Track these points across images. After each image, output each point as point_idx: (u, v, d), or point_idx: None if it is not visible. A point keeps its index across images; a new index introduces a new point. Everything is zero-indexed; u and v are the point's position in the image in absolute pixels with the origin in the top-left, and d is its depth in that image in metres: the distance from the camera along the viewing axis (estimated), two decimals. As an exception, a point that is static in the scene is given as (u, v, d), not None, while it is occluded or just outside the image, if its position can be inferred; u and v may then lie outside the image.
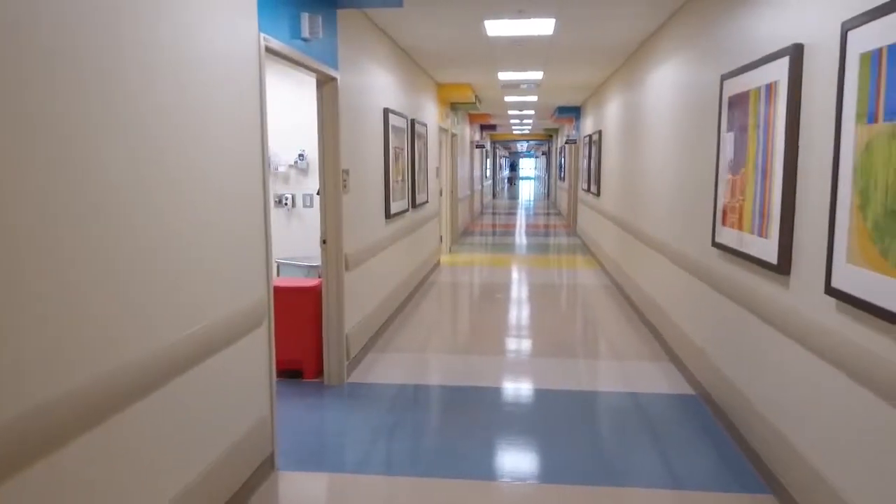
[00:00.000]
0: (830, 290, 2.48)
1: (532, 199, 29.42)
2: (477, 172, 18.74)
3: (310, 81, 5.84)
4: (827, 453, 2.59)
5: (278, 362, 4.77)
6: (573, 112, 13.69)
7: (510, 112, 14.88)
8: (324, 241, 4.56)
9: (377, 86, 5.72)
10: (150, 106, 2.25)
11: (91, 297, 1.96)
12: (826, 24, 2.64)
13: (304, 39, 3.81)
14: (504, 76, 8.85)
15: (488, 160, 25.18)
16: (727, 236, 3.72)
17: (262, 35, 3.18)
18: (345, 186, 4.65)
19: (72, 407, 1.87)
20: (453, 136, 12.26)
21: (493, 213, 20.81)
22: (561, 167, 19.65)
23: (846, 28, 2.39)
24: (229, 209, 2.87)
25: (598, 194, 10.15)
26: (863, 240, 2.27)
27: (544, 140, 27.33)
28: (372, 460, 3.51)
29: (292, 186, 7.26)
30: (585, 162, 12.03)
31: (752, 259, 3.30)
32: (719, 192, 3.87)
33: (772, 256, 3.05)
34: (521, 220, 18.08)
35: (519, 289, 8.26)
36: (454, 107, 11.61)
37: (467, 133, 15.05)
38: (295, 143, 7.08)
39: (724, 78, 3.80)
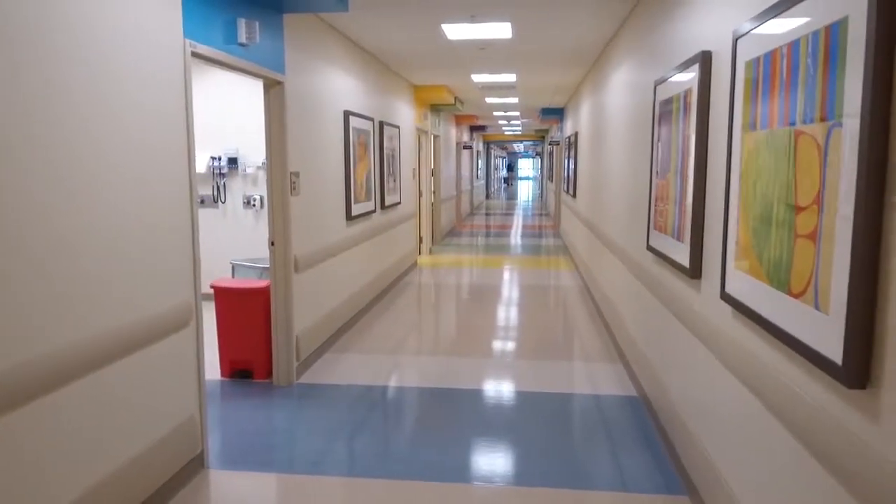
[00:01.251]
0: (724, 296, 2.52)
1: (528, 199, 29.43)
2: (466, 173, 18.76)
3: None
4: (726, 457, 2.62)
5: (229, 363, 4.82)
6: (557, 113, 13.72)
7: (495, 114, 14.91)
8: (272, 244, 4.61)
9: (336, 89, 5.76)
10: (65, 107, 2.30)
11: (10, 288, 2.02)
12: (726, 31, 2.67)
13: (242, 45, 3.86)
14: (478, 78, 8.88)
15: (480, 161, 25.21)
16: (656, 240, 3.76)
17: (189, 41, 3.23)
18: (294, 189, 4.69)
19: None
20: (435, 137, 12.30)
21: (485, 214, 20.84)
22: (551, 168, 19.67)
23: (736, 36, 2.43)
24: (150, 212, 2.91)
25: (574, 196, 10.19)
26: (746, 246, 2.31)
27: (538, 141, 27.34)
28: (309, 460, 3.55)
29: (260, 188, 7.32)
30: (566, 163, 12.08)
31: (674, 263, 3.34)
32: (652, 195, 3.91)
33: (686, 261, 3.09)
34: (509, 221, 18.10)
35: (491, 291, 8.29)
36: (435, 108, 11.65)
37: (452, 134, 15.08)
38: (263, 145, 7.14)
39: (656, 83, 3.84)
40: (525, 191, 38.46)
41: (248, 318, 4.71)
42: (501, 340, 5.94)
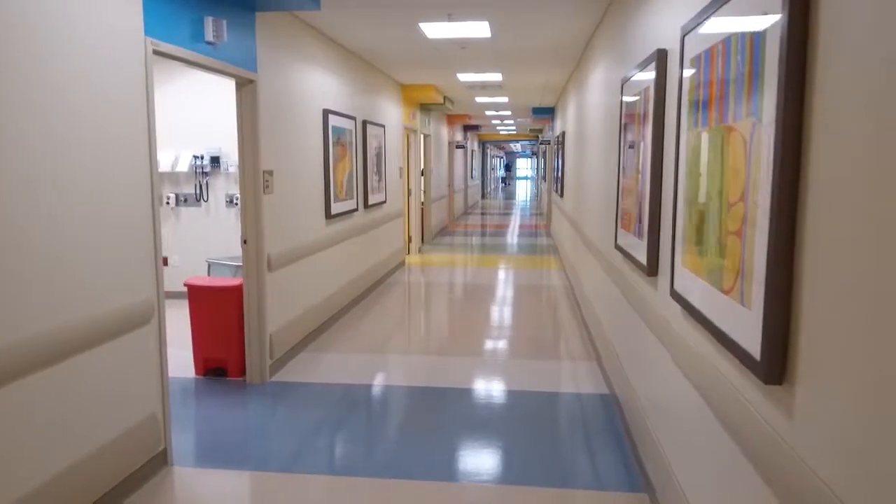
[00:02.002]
0: (673, 293, 2.52)
1: (525, 199, 29.42)
2: (459, 172, 18.76)
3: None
4: (676, 455, 2.63)
5: (203, 361, 4.83)
6: (548, 113, 13.72)
7: (488, 113, 14.91)
8: (244, 242, 4.61)
9: (314, 87, 5.77)
10: (23, 106, 2.31)
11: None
12: (677, 27, 2.68)
13: (210, 43, 3.86)
14: (464, 77, 8.88)
15: (475, 160, 25.21)
16: (623, 238, 3.76)
17: (150, 39, 3.23)
18: (267, 187, 4.69)
19: None
20: (425, 136, 12.30)
21: (479, 214, 20.85)
22: (545, 168, 19.67)
23: (684, 33, 2.43)
24: (109, 208, 2.92)
25: (562, 195, 10.19)
26: (690, 243, 2.31)
27: (535, 140, 27.33)
28: (277, 458, 3.55)
29: (243, 186, 7.31)
30: (555, 162, 12.08)
31: (635, 261, 3.34)
32: (619, 194, 3.91)
33: (644, 258, 3.10)
34: (502, 221, 18.10)
35: (476, 290, 8.29)
36: (425, 108, 11.65)
37: (444, 133, 15.08)
38: (245, 144, 7.14)
39: (622, 82, 3.85)
40: (523, 191, 38.45)
41: (221, 316, 4.71)
42: (483, 339, 5.94)
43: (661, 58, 2.88)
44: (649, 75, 3.09)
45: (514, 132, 23.10)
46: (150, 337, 3.29)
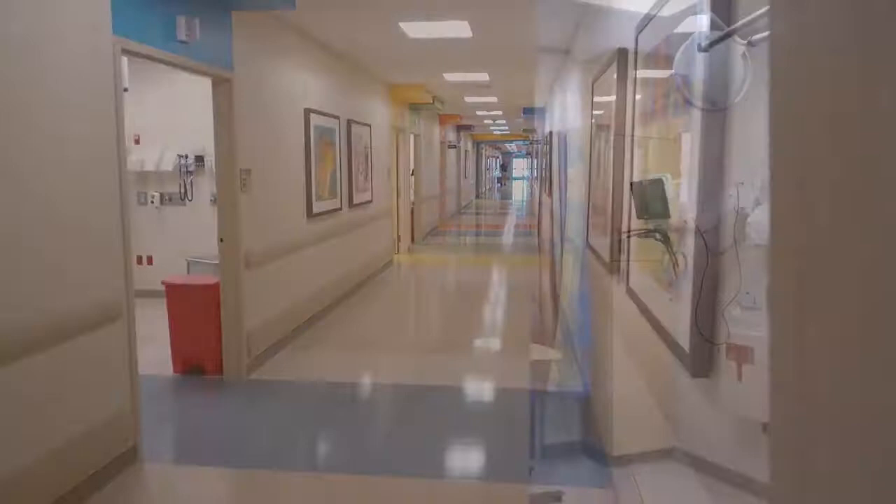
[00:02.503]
0: (628, 290, 2.55)
1: (521, 199, 29.46)
2: (452, 172, 18.78)
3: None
4: (636, 451, 2.65)
5: (181, 359, 4.84)
6: (539, 113, 13.73)
7: (479, 113, 14.93)
8: (221, 240, 4.63)
9: (294, 86, 5.78)
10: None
11: None
12: (633, 27, 2.70)
13: (183, 42, 3.88)
14: (451, 77, 8.90)
15: (469, 160, 25.24)
16: (593, 238, 3.79)
17: (118, 38, 3.25)
18: (244, 186, 4.71)
19: None
20: (415, 136, 12.32)
21: (473, 214, 20.90)
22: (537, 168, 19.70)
23: (638, 31, 2.46)
24: (77, 207, 2.93)
25: (550, 195, 10.22)
26: (639, 241, 2.34)
27: (527, 140, 27.33)
28: (246, 454, 3.57)
29: (228, 186, 7.32)
30: (543, 162, 12.11)
31: (601, 260, 3.37)
32: (591, 193, 3.94)
33: (607, 256, 3.12)
34: (495, 221, 18.14)
35: (463, 288, 8.33)
36: (414, 107, 11.66)
37: (436, 133, 15.10)
38: (230, 143, 7.15)
39: (593, 82, 3.87)
40: (519, 191, 38.47)
41: (199, 314, 4.72)
42: (463, 337, 5.96)
43: (621, 57, 2.91)
44: (613, 74, 3.12)
45: (508, 132, 23.13)
46: (119, 333, 3.31)
